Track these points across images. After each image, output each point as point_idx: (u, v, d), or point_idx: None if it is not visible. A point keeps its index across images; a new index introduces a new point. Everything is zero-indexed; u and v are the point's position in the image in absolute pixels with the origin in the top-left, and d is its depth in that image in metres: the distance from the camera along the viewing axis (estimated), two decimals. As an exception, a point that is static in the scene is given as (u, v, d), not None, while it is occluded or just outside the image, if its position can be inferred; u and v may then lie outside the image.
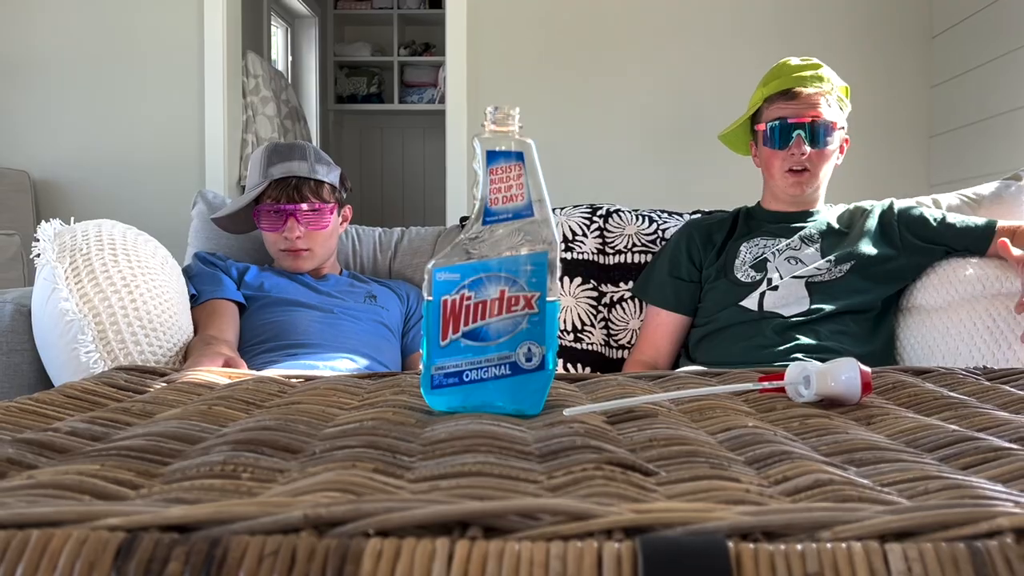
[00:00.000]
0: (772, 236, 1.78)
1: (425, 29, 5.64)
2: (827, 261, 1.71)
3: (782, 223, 1.80)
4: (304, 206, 1.80)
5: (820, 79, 1.75)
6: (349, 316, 1.79)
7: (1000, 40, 2.63)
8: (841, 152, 1.80)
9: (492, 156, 0.76)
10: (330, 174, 1.86)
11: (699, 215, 2.01)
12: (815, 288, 1.68)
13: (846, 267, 1.70)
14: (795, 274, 1.70)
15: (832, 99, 1.74)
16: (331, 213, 1.85)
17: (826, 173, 1.77)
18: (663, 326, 1.82)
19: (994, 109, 2.66)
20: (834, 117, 1.73)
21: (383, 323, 1.82)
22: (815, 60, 1.80)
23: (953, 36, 2.91)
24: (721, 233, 1.84)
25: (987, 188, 1.94)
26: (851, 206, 1.84)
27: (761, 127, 1.76)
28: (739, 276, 1.74)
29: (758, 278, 1.72)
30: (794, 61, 1.80)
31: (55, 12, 3.10)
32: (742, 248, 1.78)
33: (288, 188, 1.80)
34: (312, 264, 1.87)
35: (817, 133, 1.70)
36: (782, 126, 1.72)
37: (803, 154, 1.71)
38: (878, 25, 3.03)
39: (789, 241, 1.76)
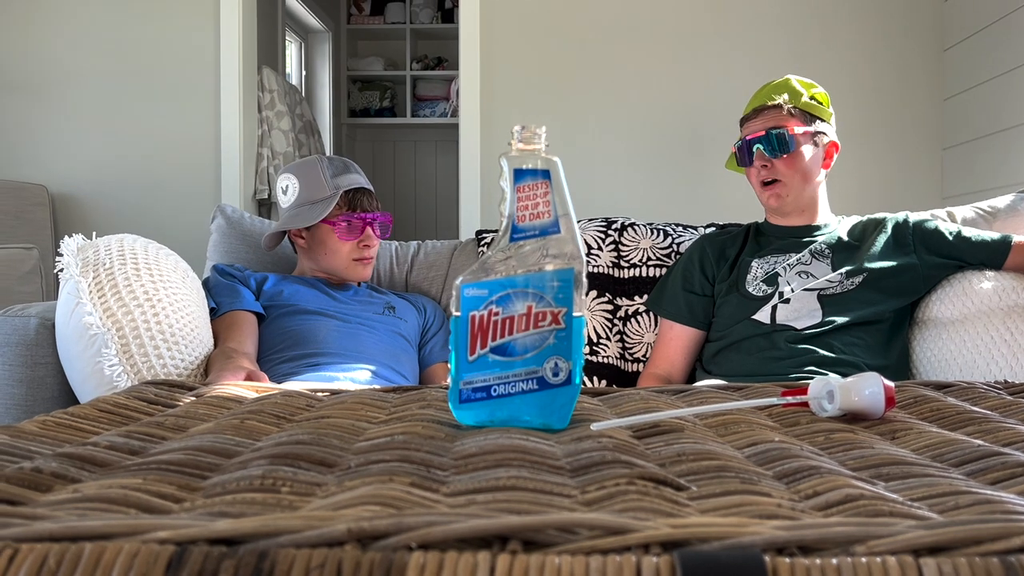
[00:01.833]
0: (782, 252, 1.79)
1: (437, 43, 5.68)
2: (839, 274, 1.71)
3: (791, 237, 1.81)
4: (380, 215, 1.88)
5: (782, 91, 1.77)
6: (367, 326, 1.80)
7: (1011, 53, 2.63)
8: (828, 158, 1.79)
9: (519, 174, 0.77)
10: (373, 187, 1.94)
11: (714, 228, 2.02)
12: (827, 301, 1.69)
13: (858, 280, 1.70)
14: (806, 287, 1.71)
15: (796, 108, 1.76)
16: (390, 223, 1.93)
17: (804, 180, 1.77)
18: (677, 339, 1.83)
19: (1006, 121, 2.66)
20: (795, 124, 1.74)
21: (401, 334, 1.84)
22: (788, 76, 1.82)
23: (965, 49, 2.91)
24: (734, 248, 1.85)
25: (1002, 201, 1.94)
26: (864, 218, 1.85)
27: (734, 150, 1.82)
28: (750, 290, 1.75)
29: (769, 291, 1.73)
30: (774, 83, 1.83)
31: (73, 28, 3.14)
32: (753, 263, 1.79)
33: (363, 198, 1.87)
34: (371, 272, 1.94)
35: (773, 143, 1.73)
36: (742, 145, 1.79)
37: (764, 166, 1.75)
38: (890, 38, 3.04)
39: (799, 255, 1.77)
